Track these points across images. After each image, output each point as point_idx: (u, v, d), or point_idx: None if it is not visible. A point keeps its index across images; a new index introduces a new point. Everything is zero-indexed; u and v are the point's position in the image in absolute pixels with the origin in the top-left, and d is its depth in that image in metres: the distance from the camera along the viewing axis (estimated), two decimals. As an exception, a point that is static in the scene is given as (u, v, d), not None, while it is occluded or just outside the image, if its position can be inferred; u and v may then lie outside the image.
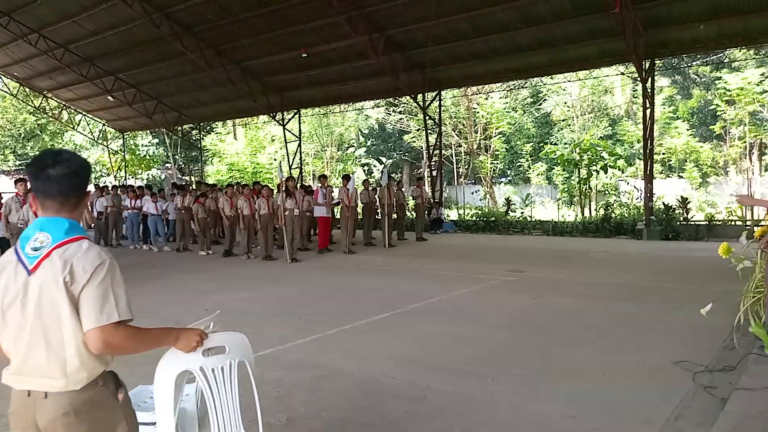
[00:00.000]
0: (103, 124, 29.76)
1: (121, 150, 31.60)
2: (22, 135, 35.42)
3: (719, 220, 16.01)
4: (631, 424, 3.63)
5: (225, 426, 2.34)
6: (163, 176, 34.88)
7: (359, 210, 15.40)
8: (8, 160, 35.95)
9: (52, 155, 1.94)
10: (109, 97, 24.05)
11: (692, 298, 6.84)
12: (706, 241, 13.98)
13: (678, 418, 3.64)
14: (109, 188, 17.55)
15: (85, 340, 1.83)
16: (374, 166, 34.60)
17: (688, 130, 26.99)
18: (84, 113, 28.62)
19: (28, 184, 2.29)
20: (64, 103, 27.62)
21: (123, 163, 31.57)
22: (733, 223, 15.75)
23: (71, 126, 30.03)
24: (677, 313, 6.39)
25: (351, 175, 15.00)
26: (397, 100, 26.94)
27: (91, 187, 18.13)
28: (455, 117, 29.63)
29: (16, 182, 9.05)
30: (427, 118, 20.20)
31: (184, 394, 2.69)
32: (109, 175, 32.30)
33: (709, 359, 4.67)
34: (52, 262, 1.84)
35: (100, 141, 31.20)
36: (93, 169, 33.97)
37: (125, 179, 30.19)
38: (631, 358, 4.91)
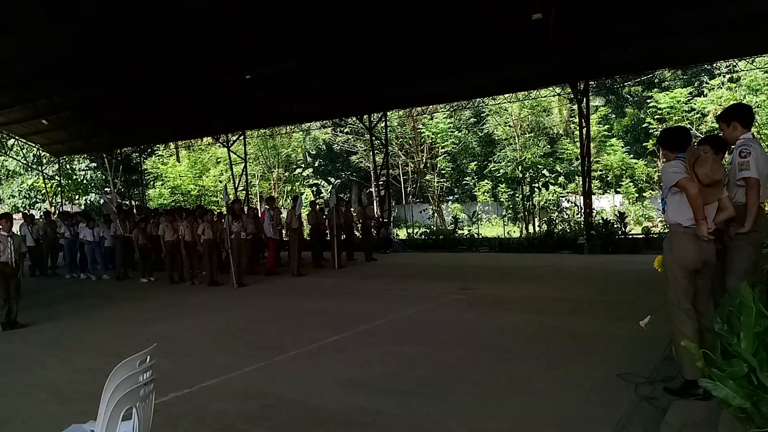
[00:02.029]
0: (38, 149, 28.58)
1: (57, 175, 30.38)
2: (-52, 161, 33.62)
3: (655, 233, 16.69)
4: (578, 438, 3.69)
5: None
6: (101, 201, 33.67)
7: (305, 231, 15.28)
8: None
9: None
10: (43, 121, 23.13)
11: (632, 310, 7.06)
12: (643, 253, 14.52)
13: (622, 430, 3.72)
14: (41, 215, 16.78)
15: None
16: (322, 186, 34.50)
17: (622, 147, 28.16)
18: (17, 138, 27.41)
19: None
20: (-6, 127, 26.40)
21: (59, 189, 30.34)
22: (668, 235, 16.41)
23: (3, 151, 28.72)
24: (619, 324, 6.56)
25: (298, 196, 14.90)
26: (343, 121, 27.07)
27: (18, 216, 17.13)
28: (401, 137, 29.97)
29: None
30: (373, 138, 20.34)
31: (122, 431, 2.56)
32: (44, 201, 30.96)
33: (650, 370, 4.81)
34: None
35: (34, 166, 29.93)
36: (28, 196, 32.61)
37: (61, 205, 28.99)
38: (576, 371, 5.00)
